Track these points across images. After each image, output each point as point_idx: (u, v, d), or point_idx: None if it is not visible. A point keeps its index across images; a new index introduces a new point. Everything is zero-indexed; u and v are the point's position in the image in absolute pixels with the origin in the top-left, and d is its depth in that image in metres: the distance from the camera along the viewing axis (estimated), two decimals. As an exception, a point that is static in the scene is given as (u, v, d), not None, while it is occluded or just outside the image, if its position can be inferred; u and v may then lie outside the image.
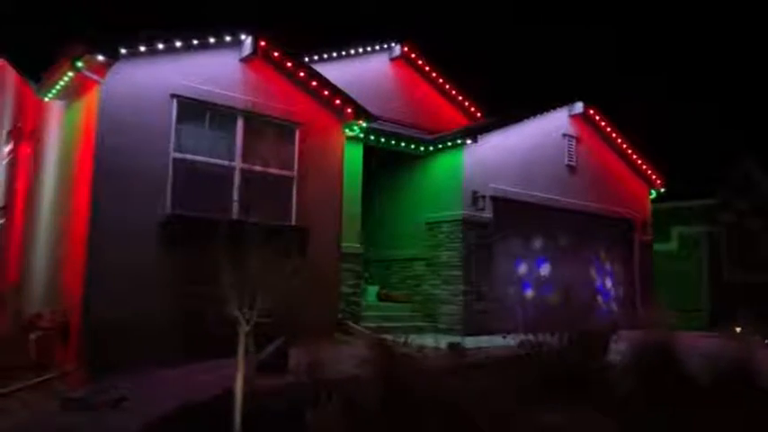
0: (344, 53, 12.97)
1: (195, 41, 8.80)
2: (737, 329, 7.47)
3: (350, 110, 10.26)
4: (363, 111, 10.41)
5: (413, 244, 12.55)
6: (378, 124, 11.20)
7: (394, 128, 12.32)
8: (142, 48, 8.30)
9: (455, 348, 8.27)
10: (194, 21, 24.43)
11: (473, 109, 14.99)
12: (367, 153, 11.48)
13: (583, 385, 6.03)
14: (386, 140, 11.96)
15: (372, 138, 11.58)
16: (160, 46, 8.48)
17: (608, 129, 14.39)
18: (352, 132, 10.67)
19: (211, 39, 8.97)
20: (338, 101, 10.15)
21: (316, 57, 12.12)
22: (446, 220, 11.93)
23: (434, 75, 14.47)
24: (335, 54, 12.76)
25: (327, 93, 10.05)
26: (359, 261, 11.03)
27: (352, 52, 13.12)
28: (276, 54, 9.50)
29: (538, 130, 13.12)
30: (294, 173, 9.70)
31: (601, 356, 7.03)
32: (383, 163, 12.63)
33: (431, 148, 12.51)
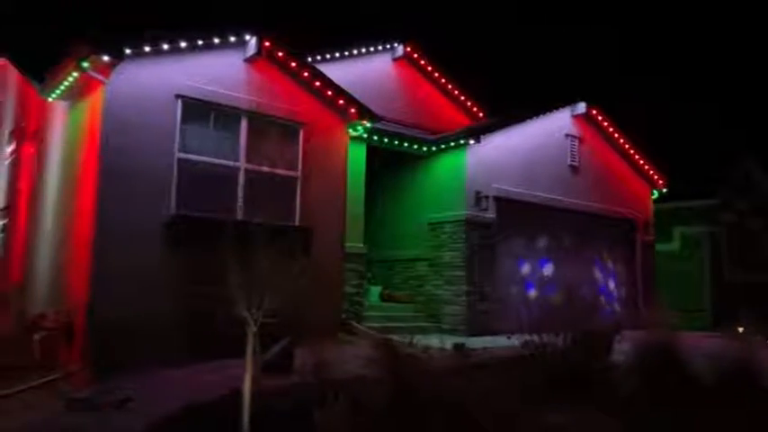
0: (347, 53, 12.98)
1: (200, 42, 8.82)
2: (740, 330, 7.47)
3: (353, 110, 10.28)
4: (367, 111, 10.42)
5: (415, 244, 12.55)
6: (381, 124, 11.20)
7: (397, 128, 12.32)
8: (147, 48, 8.31)
9: (459, 349, 8.29)
10: (198, 21, 24.44)
11: (475, 109, 14.99)
12: (370, 153, 11.50)
13: (587, 385, 6.04)
14: (389, 140, 11.97)
15: (375, 138, 11.59)
16: (165, 46, 8.49)
17: (610, 129, 14.39)
18: (355, 132, 10.68)
19: (216, 39, 8.98)
20: (342, 101, 10.16)
21: (319, 57, 12.13)
22: (449, 221, 11.93)
23: (437, 75, 14.47)
24: (338, 54, 12.78)
25: (331, 93, 10.06)
26: (362, 261, 11.05)
27: (354, 52, 13.14)
28: (280, 54, 9.51)
29: (540, 131, 13.12)
30: (298, 173, 9.71)
31: (604, 357, 7.05)
32: (386, 163, 12.64)
33: (433, 149, 12.51)
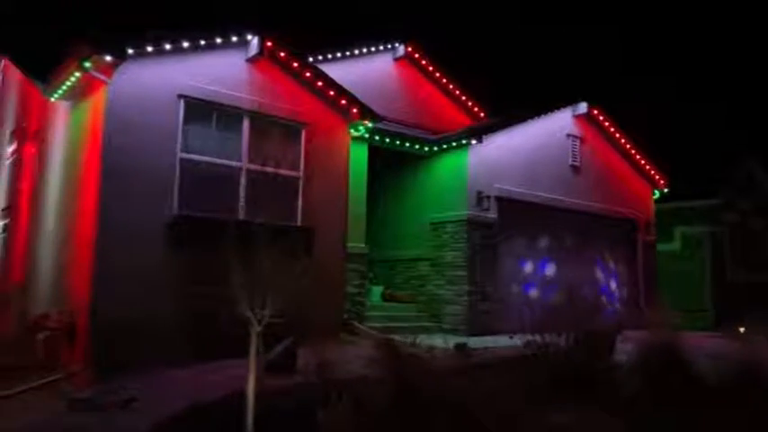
0: (348, 53, 12.99)
1: (202, 42, 8.82)
2: (742, 330, 7.47)
3: (355, 110, 10.28)
4: (369, 111, 10.42)
5: (417, 244, 12.55)
6: (382, 124, 11.21)
7: (398, 128, 12.32)
8: (149, 48, 8.32)
9: (462, 349, 8.29)
10: (200, 21, 24.46)
11: (477, 109, 14.99)
12: (372, 153, 11.50)
13: (590, 385, 6.04)
14: (390, 141, 11.97)
15: (377, 138, 11.59)
16: (167, 46, 8.49)
17: (612, 129, 14.39)
18: (357, 132, 10.68)
19: (218, 39, 8.99)
20: (344, 101, 10.16)
21: (320, 57, 12.13)
22: (450, 221, 11.93)
23: (438, 75, 14.47)
24: (339, 54, 12.78)
25: (333, 93, 10.07)
26: (364, 261, 11.05)
27: (356, 52, 13.14)
28: (282, 54, 9.51)
29: (542, 131, 13.12)
30: (300, 173, 9.71)
31: (607, 357, 7.05)
32: (388, 163, 12.63)
33: (435, 149, 12.51)
